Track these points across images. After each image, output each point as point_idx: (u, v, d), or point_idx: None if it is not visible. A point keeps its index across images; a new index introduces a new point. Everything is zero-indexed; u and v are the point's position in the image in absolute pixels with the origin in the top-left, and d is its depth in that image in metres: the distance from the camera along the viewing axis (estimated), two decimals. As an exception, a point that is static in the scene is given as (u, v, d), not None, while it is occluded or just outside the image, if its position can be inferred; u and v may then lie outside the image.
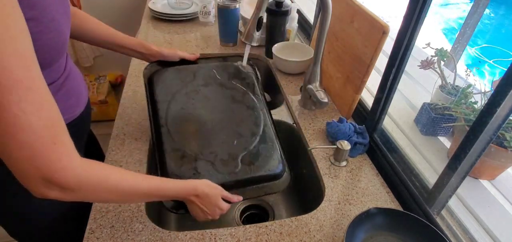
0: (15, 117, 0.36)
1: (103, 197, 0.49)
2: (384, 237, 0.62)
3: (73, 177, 0.42)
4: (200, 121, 0.75)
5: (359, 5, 0.87)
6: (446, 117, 0.87)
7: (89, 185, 0.45)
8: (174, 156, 0.68)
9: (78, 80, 0.71)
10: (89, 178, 0.44)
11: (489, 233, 0.67)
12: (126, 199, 0.54)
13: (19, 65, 0.36)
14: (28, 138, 0.37)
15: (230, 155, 0.70)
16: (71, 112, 0.68)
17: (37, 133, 0.38)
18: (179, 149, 0.69)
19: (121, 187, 0.49)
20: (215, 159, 0.69)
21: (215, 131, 0.74)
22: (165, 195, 0.57)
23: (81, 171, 0.43)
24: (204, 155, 0.69)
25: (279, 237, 0.63)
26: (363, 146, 0.83)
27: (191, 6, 1.52)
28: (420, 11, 0.66)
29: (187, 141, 0.71)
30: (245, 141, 0.73)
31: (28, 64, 0.37)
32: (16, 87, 0.35)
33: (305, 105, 0.98)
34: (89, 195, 0.47)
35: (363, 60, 0.84)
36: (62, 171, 0.40)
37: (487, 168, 0.78)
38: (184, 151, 0.69)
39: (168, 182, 0.56)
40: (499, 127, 0.53)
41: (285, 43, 1.17)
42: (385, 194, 0.74)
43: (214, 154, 0.70)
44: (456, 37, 1.45)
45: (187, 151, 0.69)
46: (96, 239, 0.60)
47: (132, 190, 0.51)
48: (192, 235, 0.62)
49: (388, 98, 0.78)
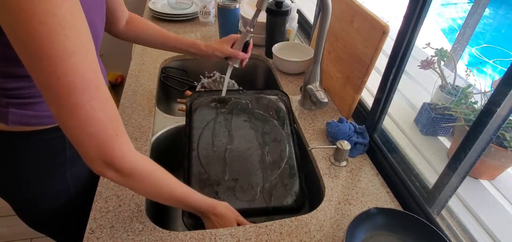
0: (86, 113, 0.43)
1: (146, 190, 0.55)
2: (384, 237, 0.62)
3: (129, 164, 0.49)
4: (227, 148, 0.81)
5: (359, 5, 0.87)
6: (446, 117, 0.86)
7: (139, 175, 0.52)
8: (199, 178, 0.75)
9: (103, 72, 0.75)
10: (140, 168, 0.51)
11: (489, 233, 0.67)
12: (162, 197, 0.57)
13: (90, 69, 0.42)
14: (96, 130, 0.44)
15: (250, 184, 0.75)
16: None
17: (104, 125, 0.45)
18: (205, 172, 0.76)
19: (162, 185, 0.56)
20: (236, 185, 0.74)
21: (240, 159, 0.80)
22: (190, 204, 0.61)
23: (135, 161, 0.50)
24: (226, 181, 0.75)
25: (279, 237, 0.63)
26: (363, 146, 0.83)
27: (191, 6, 1.52)
28: (420, 11, 0.66)
29: (213, 166, 0.77)
30: (267, 172, 0.78)
31: (94, 67, 0.43)
32: (87, 88, 0.42)
33: (305, 105, 0.98)
34: (136, 184, 0.53)
35: (363, 60, 0.84)
36: (121, 158, 0.48)
37: (487, 168, 0.78)
38: (209, 175, 0.75)
39: (195, 194, 0.62)
40: (499, 127, 0.53)
41: (285, 43, 1.17)
42: (385, 194, 0.74)
43: (236, 181, 0.75)
44: (456, 37, 1.45)
45: (211, 175, 0.76)
46: (96, 239, 0.60)
47: (169, 189, 0.57)
48: (192, 235, 0.62)
49: (388, 98, 0.78)
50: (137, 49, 1.22)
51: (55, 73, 0.39)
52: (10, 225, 1.55)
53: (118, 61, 2.00)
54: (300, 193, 0.75)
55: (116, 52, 1.95)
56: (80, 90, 0.41)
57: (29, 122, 0.60)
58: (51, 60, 0.39)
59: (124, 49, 1.67)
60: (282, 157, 0.81)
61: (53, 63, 0.39)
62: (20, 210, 0.74)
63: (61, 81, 0.40)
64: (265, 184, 0.75)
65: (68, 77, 0.40)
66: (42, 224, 0.77)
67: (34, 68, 0.40)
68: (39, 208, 0.72)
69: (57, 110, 0.42)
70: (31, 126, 0.61)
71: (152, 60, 1.15)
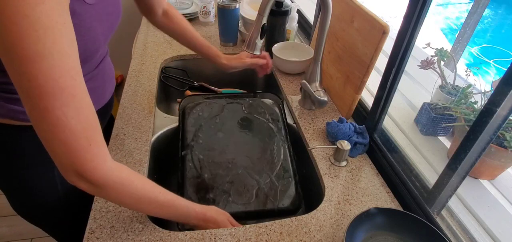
0: (57, 119, 0.41)
1: (123, 201, 0.53)
2: (384, 237, 0.62)
3: (101, 176, 0.47)
4: (221, 151, 0.80)
5: (359, 5, 0.87)
6: (446, 117, 0.86)
7: (114, 186, 0.49)
8: (194, 182, 0.74)
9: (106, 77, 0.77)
10: (115, 180, 0.49)
11: (489, 233, 0.67)
12: (142, 207, 0.56)
13: (66, 75, 0.41)
14: (67, 138, 0.43)
15: (245, 187, 0.74)
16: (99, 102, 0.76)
17: (76, 134, 0.43)
18: (199, 176, 0.75)
19: (141, 194, 0.53)
20: (231, 188, 0.73)
21: (235, 162, 0.79)
22: (177, 212, 0.59)
23: (109, 172, 0.48)
24: (221, 184, 0.74)
25: (279, 237, 0.63)
26: (363, 146, 0.83)
27: (191, 6, 1.52)
28: (420, 11, 0.66)
29: (207, 169, 0.76)
30: (261, 174, 0.77)
31: (73, 74, 0.42)
32: (60, 94, 0.41)
33: (305, 105, 0.98)
34: (111, 195, 0.50)
35: (363, 60, 0.84)
36: (93, 170, 0.46)
37: (487, 168, 0.78)
38: (203, 179, 0.74)
39: (181, 200, 0.60)
40: (499, 127, 0.53)
41: (285, 43, 1.17)
42: (385, 194, 0.74)
43: (231, 184, 0.74)
44: (456, 37, 1.45)
45: (205, 178, 0.74)
46: (96, 239, 0.60)
47: (150, 199, 0.54)
48: (192, 235, 0.62)
49: (388, 98, 0.78)
50: (137, 49, 1.22)
51: (25, 74, 0.39)
52: (10, 225, 1.55)
53: (118, 61, 2.00)
54: (295, 195, 0.75)
55: (116, 52, 1.94)
56: (51, 95, 0.40)
57: (17, 116, 0.61)
58: (21, 61, 0.38)
59: (124, 49, 1.67)
60: (276, 159, 0.80)
61: (23, 64, 0.38)
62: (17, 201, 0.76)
63: (31, 83, 0.39)
64: (260, 186, 0.75)
65: (38, 81, 0.39)
66: (31, 216, 0.79)
67: (7, 67, 0.40)
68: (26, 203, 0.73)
69: (29, 112, 0.42)
70: (20, 121, 0.62)
71: (152, 60, 1.15)
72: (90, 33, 0.58)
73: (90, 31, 0.58)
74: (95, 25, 0.59)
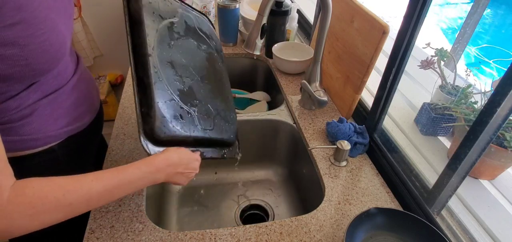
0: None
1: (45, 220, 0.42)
2: (384, 237, 0.62)
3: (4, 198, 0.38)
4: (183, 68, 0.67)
5: (359, 5, 0.87)
6: (446, 117, 0.87)
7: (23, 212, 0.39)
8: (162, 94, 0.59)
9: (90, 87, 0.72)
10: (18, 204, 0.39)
11: (489, 233, 0.67)
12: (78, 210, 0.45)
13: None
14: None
15: (207, 113, 0.67)
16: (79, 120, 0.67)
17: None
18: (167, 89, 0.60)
19: (67, 201, 0.43)
20: (195, 111, 0.64)
21: (198, 83, 0.68)
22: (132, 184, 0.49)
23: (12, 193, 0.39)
24: (187, 102, 0.63)
25: (279, 237, 0.63)
26: (363, 146, 0.83)
27: (191, 6, 1.52)
28: (420, 11, 0.66)
29: (174, 83, 0.62)
30: (220, 103, 0.72)
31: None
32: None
33: (305, 105, 0.98)
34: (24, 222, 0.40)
35: (363, 60, 0.84)
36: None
37: (487, 168, 0.78)
38: (171, 93, 0.61)
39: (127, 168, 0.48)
40: (499, 127, 0.53)
41: (285, 43, 1.17)
42: (385, 194, 0.74)
43: (195, 107, 0.65)
44: (456, 37, 1.45)
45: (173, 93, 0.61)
46: (96, 239, 0.60)
47: (83, 199, 0.44)
48: (192, 235, 0.62)
49: (388, 98, 0.78)
50: (137, 49, 1.22)
51: None
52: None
53: (118, 61, 2.00)
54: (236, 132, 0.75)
55: (116, 52, 1.95)
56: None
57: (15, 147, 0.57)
58: None
59: (124, 49, 1.67)
60: (227, 92, 0.78)
61: None
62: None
63: None
64: (220, 114, 0.70)
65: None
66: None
67: None
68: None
69: None
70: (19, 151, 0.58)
71: (152, 60, 1.15)
72: (47, 24, 0.51)
73: (46, 21, 0.51)
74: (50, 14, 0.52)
